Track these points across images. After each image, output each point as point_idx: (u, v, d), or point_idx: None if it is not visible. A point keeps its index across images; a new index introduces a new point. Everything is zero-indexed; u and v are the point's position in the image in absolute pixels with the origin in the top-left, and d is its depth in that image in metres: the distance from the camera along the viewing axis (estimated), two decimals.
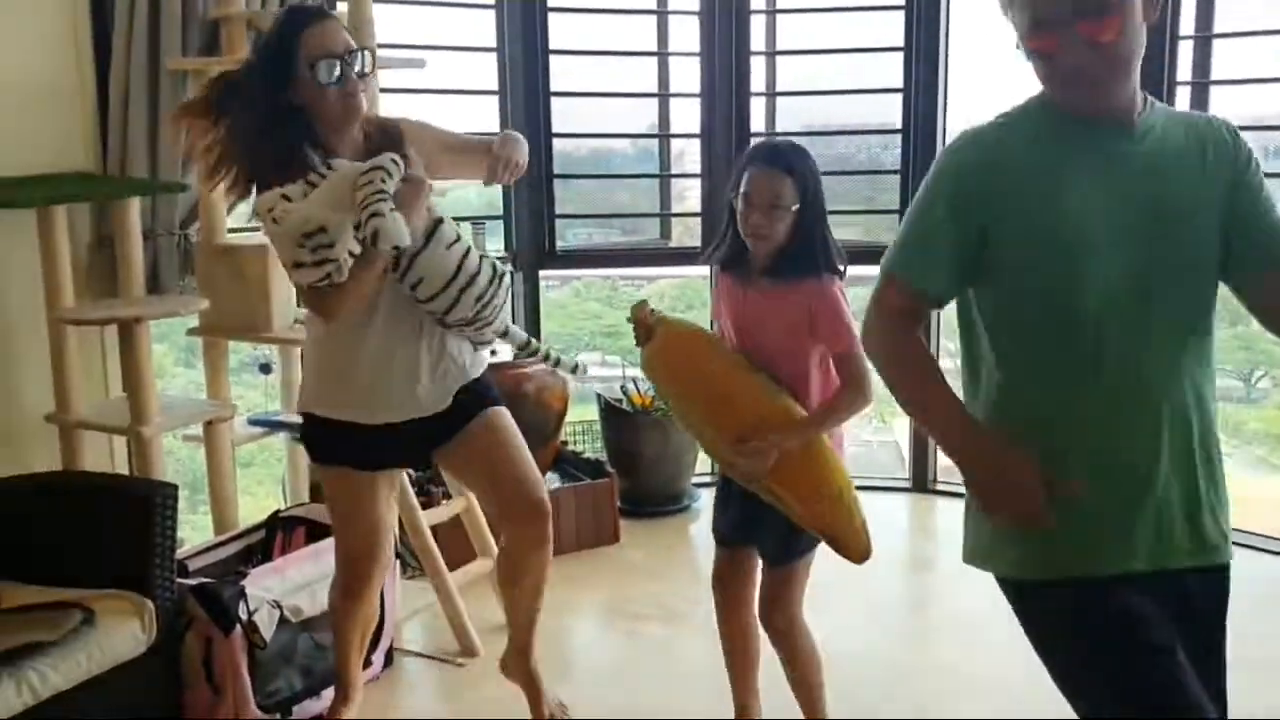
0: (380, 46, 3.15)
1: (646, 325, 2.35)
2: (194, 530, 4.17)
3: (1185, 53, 3.89)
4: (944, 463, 4.58)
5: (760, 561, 2.49)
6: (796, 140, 2.50)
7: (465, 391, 2.42)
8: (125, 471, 3.28)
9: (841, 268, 2.33)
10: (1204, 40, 3.89)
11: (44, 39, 3.14)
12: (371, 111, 2.32)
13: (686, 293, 7.50)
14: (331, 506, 2.53)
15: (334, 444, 2.42)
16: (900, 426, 5.72)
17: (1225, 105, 3.93)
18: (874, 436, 6.72)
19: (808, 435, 2.27)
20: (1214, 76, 3.90)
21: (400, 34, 3.73)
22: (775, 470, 2.25)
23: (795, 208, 2.25)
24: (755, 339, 2.34)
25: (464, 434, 2.42)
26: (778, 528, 2.35)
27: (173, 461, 4.24)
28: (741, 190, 2.28)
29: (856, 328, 2.25)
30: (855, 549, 2.30)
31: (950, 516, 4.34)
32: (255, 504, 4.70)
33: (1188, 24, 3.87)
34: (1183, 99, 3.88)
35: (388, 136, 2.27)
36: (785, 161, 2.27)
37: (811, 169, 2.29)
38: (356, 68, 2.19)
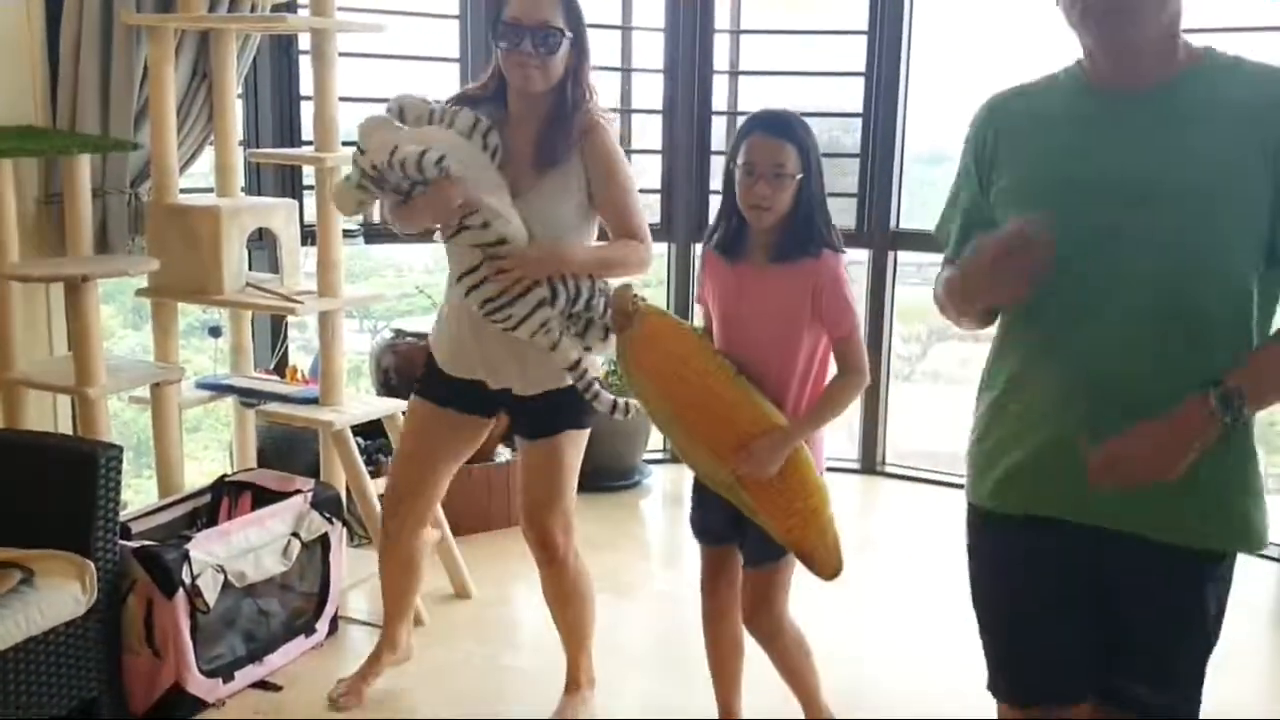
0: (340, 10, 3.11)
1: (626, 313, 2.26)
2: (136, 494, 4.12)
3: None
4: (894, 445, 4.64)
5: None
6: None
7: (551, 399, 2.46)
8: (68, 432, 3.24)
9: (842, 247, 2.26)
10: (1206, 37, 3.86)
11: None
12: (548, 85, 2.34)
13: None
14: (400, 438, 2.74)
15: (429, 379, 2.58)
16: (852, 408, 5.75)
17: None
18: None
19: (811, 430, 2.23)
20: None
21: None
22: (750, 482, 2.20)
23: (799, 177, 2.19)
24: (746, 325, 2.26)
25: (525, 445, 2.55)
26: (758, 528, 2.28)
27: (117, 424, 4.18)
28: (741, 160, 2.21)
29: (858, 311, 2.26)
30: (826, 566, 2.25)
31: (900, 498, 4.40)
32: (199, 469, 4.65)
33: (1190, 20, 3.82)
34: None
35: (563, 131, 2.34)
36: (788, 129, 2.20)
37: (813, 139, 2.23)
38: (529, 43, 2.28)
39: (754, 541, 2.32)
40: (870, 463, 4.57)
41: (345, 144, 3.16)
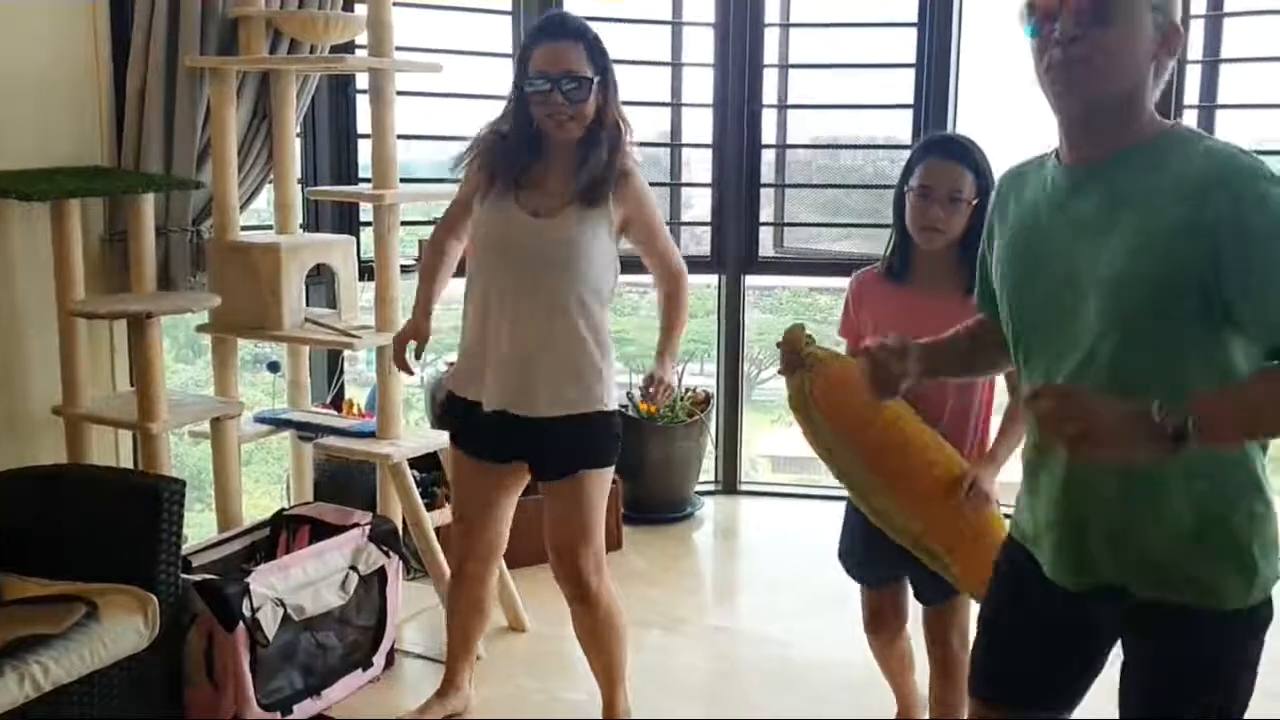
0: (398, 49, 3.17)
1: (798, 354, 2.16)
2: (190, 528, 4.17)
3: (1193, 77, 3.91)
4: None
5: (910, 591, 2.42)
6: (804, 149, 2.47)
7: (570, 429, 2.50)
8: (129, 466, 3.29)
9: None
10: (1211, 65, 3.90)
11: (64, 33, 3.16)
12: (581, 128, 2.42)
13: (690, 300, 7.53)
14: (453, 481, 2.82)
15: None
16: None
17: (1231, 129, 3.94)
18: None
19: (1008, 456, 2.20)
20: (1220, 100, 3.92)
21: (419, 38, 3.74)
22: (945, 534, 2.14)
23: (975, 202, 2.17)
24: None
25: (547, 486, 2.58)
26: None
27: (171, 458, 4.24)
28: (917, 182, 2.20)
29: None
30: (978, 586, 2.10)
31: None
32: (251, 503, 4.70)
33: (1195, 49, 3.89)
34: (1189, 122, 3.91)
35: (605, 177, 2.43)
36: (965, 154, 2.20)
37: (989, 165, 2.21)
38: (558, 94, 2.35)
39: (926, 578, 2.30)
40: (730, 483, 4.60)
41: (402, 181, 3.22)
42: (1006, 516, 1.91)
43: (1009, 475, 2.12)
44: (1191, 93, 3.91)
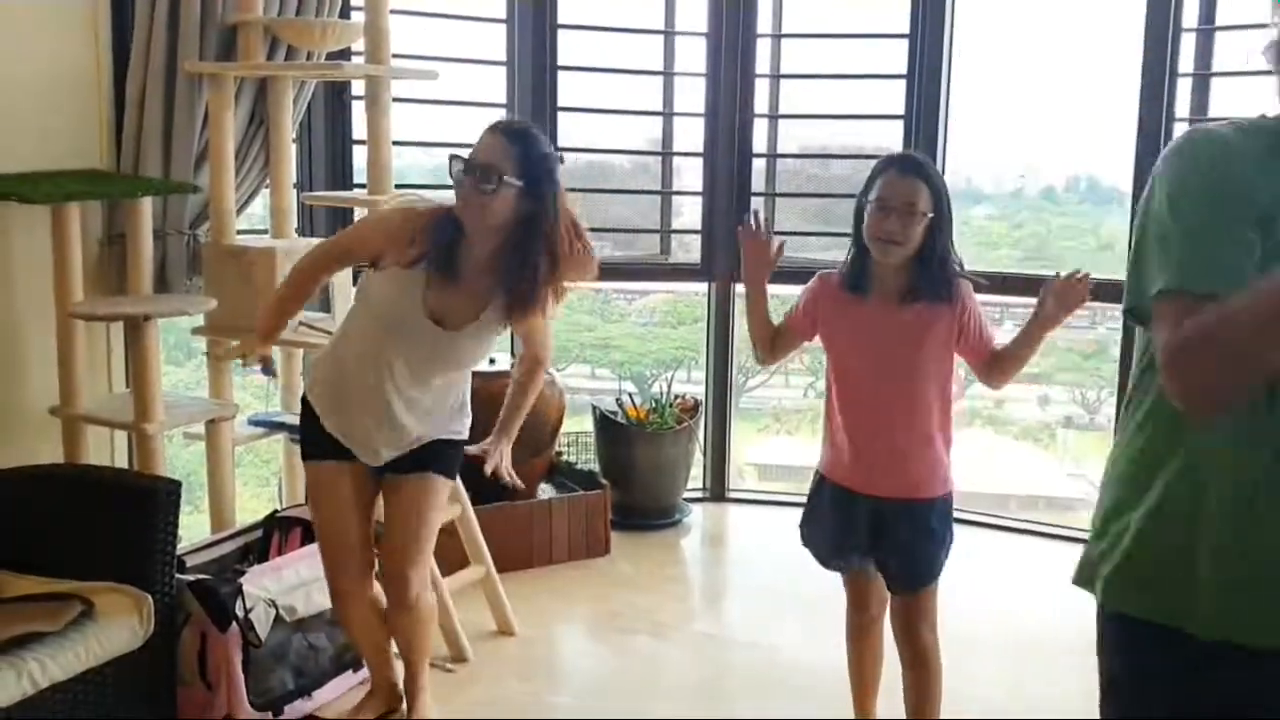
0: (394, 56, 3.20)
1: None
2: (181, 529, 4.17)
3: (1183, 91, 3.95)
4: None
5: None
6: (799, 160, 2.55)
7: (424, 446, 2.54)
8: (124, 466, 3.31)
9: (968, 276, 2.36)
10: (1202, 79, 3.96)
11: (65, 37, 3.19)
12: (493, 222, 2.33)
13: (679, 307, 7.61)
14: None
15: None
16: None
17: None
18: None
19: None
20: (1211, 114, 3.96)
21: (414, 45, 3.78)
22: None
23: (930, 215, 2.26)
24: (886, 356, 2.34)
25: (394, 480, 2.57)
26: (902, 554, 2.37)
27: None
28: (875, 195, 2.29)
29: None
30: None
31: None
32: (239, 504, 4.71)
33: (1186, 63, 3.94)
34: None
35: (532, 300, 2.37)
36: (921, 169, 2.30)
37: (944, 182, 2.32)
38: (478, 178, 2.28)
39: (896, 567, 2.40)
40: (719, 490, 4.64)
41: (397, 187, 3.26)
42: None
43: None
44: (1182, 105, 3.95)
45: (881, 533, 2.38)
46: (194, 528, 3.74)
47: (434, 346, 2.42)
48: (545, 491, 3.95)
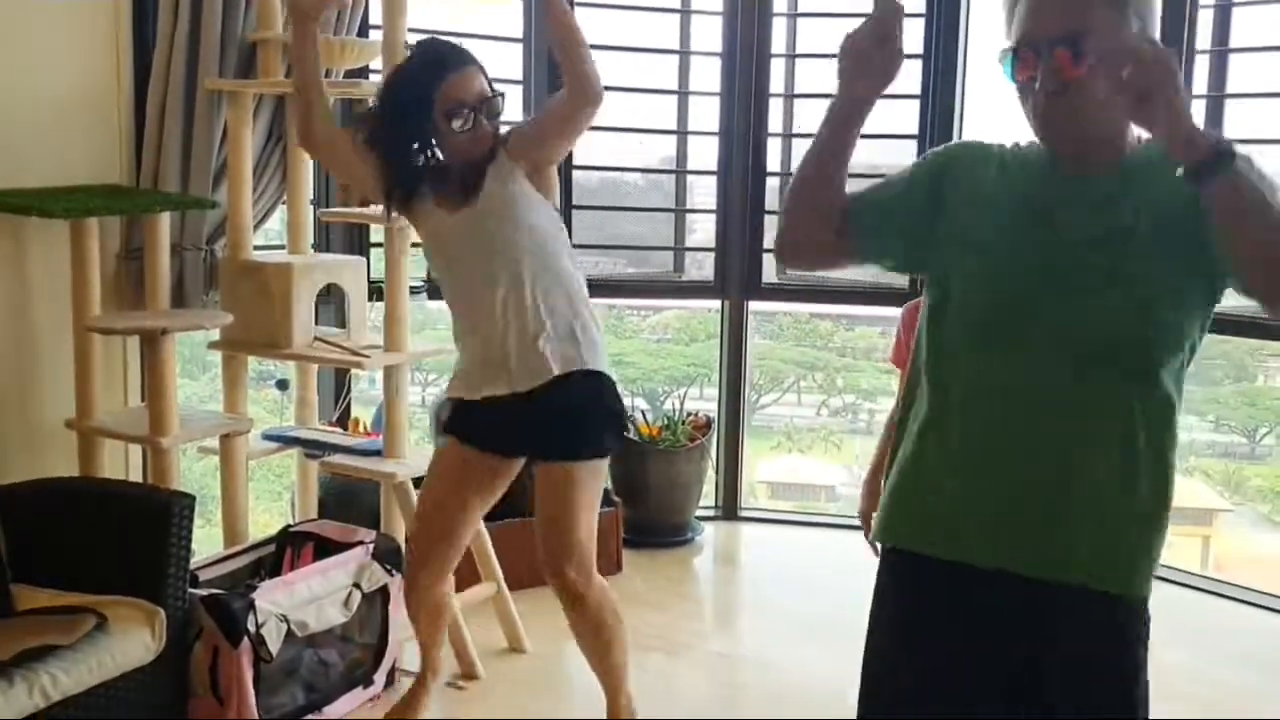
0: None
1: None
2: (194, 543, 4.19)
3: (1201, 67, 3.89)
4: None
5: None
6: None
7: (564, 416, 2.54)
8: (138, 479, 3.33)
9: None
10: (1220, 54, 3.88)
11: (85, 54, 3.22)
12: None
13: (691, 324, 7.63)
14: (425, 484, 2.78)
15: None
16: None
17: (1240, 120, 3.92)
18: None
19: None
20: (1229, 90, 3.89)
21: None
22: None
23: None
24: None
25: (540, 469, 2.62)
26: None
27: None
28: None
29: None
30: None
31: None
32: (252, 519, 4.72)
33: (1204, 39, 3.87)
34: (1197, 113, 3.86)
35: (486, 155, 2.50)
36: None
37: None
38: (486, 113, 2.46)
39: None
40: (731, 509, 4.63)
41: None
42: None
43: None
44: (1200, 82, 3.87)
45: None
46: (207, 542, 3.75)
47: (480, 224, 2.49)
48: None
